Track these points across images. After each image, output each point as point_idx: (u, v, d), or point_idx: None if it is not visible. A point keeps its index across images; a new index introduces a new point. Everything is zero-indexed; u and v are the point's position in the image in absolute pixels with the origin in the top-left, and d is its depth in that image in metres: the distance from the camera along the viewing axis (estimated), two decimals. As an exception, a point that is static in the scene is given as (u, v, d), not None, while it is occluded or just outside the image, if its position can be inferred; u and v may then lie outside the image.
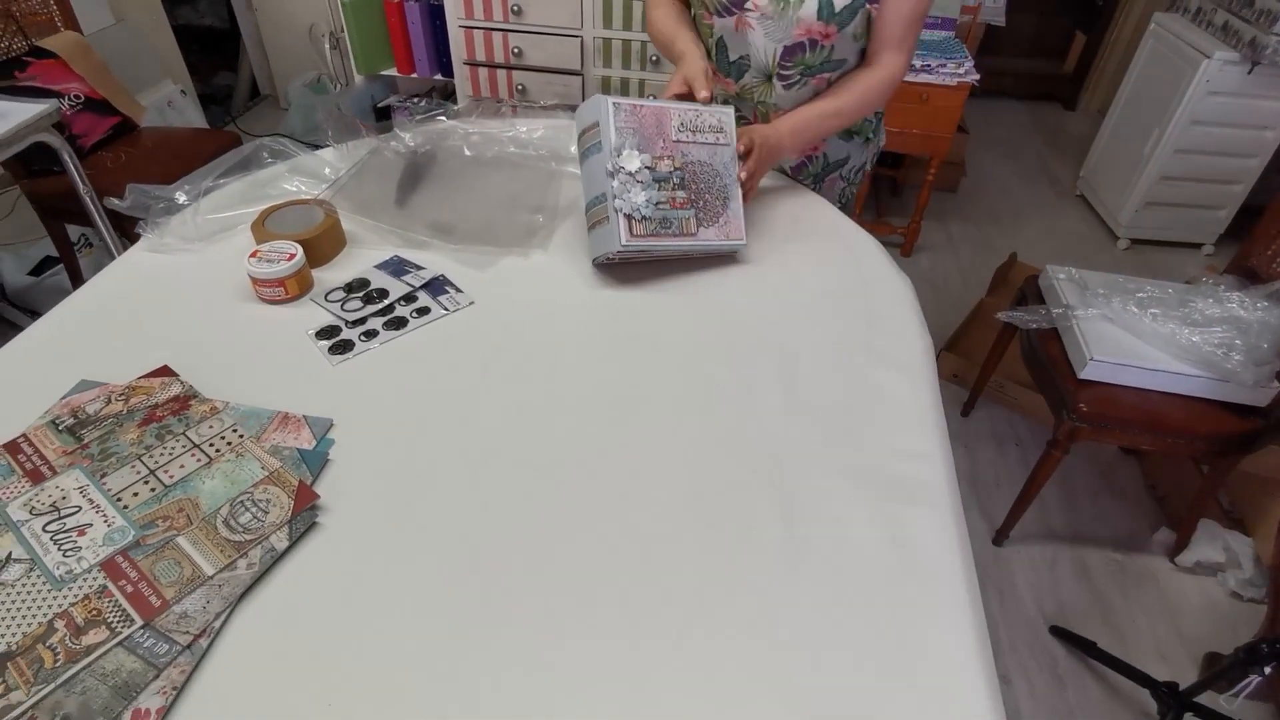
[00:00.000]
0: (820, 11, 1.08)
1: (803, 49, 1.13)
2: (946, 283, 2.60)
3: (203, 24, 3.60)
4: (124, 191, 1.08)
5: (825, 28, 1.10)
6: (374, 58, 2.63)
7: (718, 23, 1.16)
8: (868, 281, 1.04)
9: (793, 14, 1.09)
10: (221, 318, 0.93)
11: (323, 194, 1.12)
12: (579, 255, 1.06)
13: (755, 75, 1.20)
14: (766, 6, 1.11)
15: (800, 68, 1.16)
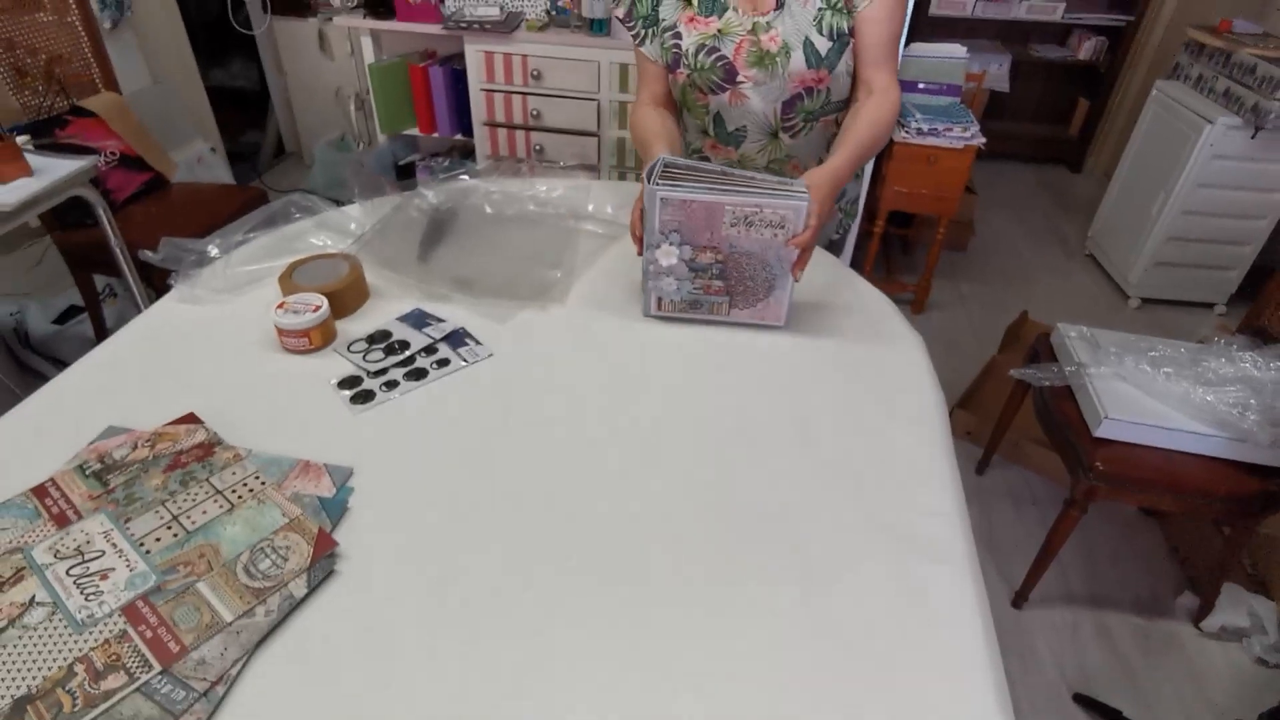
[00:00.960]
0: (808, 61, 1.13)
1: (800, 99, 1.18)
2: (958, 340, 2.61)
3: (234, 85, 3.76)
4: (154, 243, 1.12)
5: (817, 74, 1.14)
6: (397, 118, 2.74)
7: (712, 100, 1.20)
8: (880, 338, 1.05)
9: (783, 72, 1.14)
10: (247, 367, 0.95)
11: (348, 248, 1.16)
12: (596, 309, 1.09)
13: (758, 138, 1.24)
14: (756, 75, 1.15)
15: (802, 115, 1.20)
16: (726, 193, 0.94)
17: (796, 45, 1.13)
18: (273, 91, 3.60)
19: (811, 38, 1.12)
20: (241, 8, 3.20)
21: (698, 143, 1.32)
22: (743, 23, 1.14)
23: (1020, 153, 4.03)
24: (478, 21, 2.41)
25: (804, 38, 1.12)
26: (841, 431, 0.88)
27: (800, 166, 1.27)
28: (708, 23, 1.15)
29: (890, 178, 2.44)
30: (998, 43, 3.82)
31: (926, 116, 2.36)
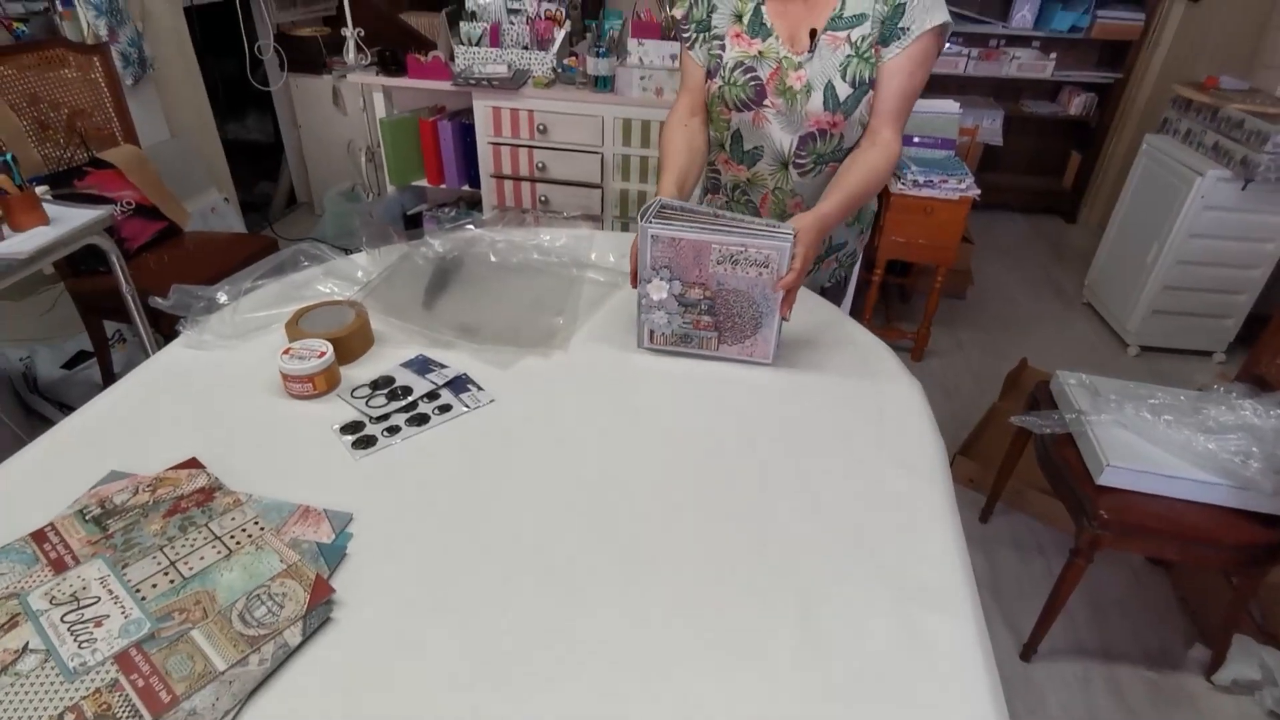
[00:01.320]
0: (826, 103, 1.17)
1: (814, 139, 1.22)
2: (958, 387, 2.61)
3: (250, 138, 3.86)
4: (165, 290, 1.14)
5: (832, 117, 1.18)
6: (406, 170, 2.80)
7: (735, 117, 1.25)
8: (879, 385, 1.05)
9: (801, 108, 1.19)
10: (252, 412, 0.96)
11: (354, 295, 1.18)
12: (598, 356, 1.10)
13: (770, 163, 1.28)
14: (781, 104, 1.19)
15: (814, 156, 1.24)
16: (715, 232, 0.99)
17: (819, 87, 1.17)
18: (287, 144, 3.69)
19: (834, 81, 1.16)
20: (260, 66, 3.31)
21: (711, 155, 1.35)
22: (780, 53, 1.18)
23: (1015, 203, 4.09)
24: (487, 78, 2.49)
25: (827, 80, 1.16)
26: (840, 475, 0.88)
27: (803, 205, 1.31)
28: (751, 43, 1.20)
29: (888, 228, 2.48)
30: (990, 99, 3.91)
31: (923, 169, 2.41)
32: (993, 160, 4.01)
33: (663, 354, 1.10)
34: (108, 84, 2.23)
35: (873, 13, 1.13)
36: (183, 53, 2.95)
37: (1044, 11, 3.65)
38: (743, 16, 1.20)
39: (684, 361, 1.08)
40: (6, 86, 2.01)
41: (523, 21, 2.58)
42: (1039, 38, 3.73)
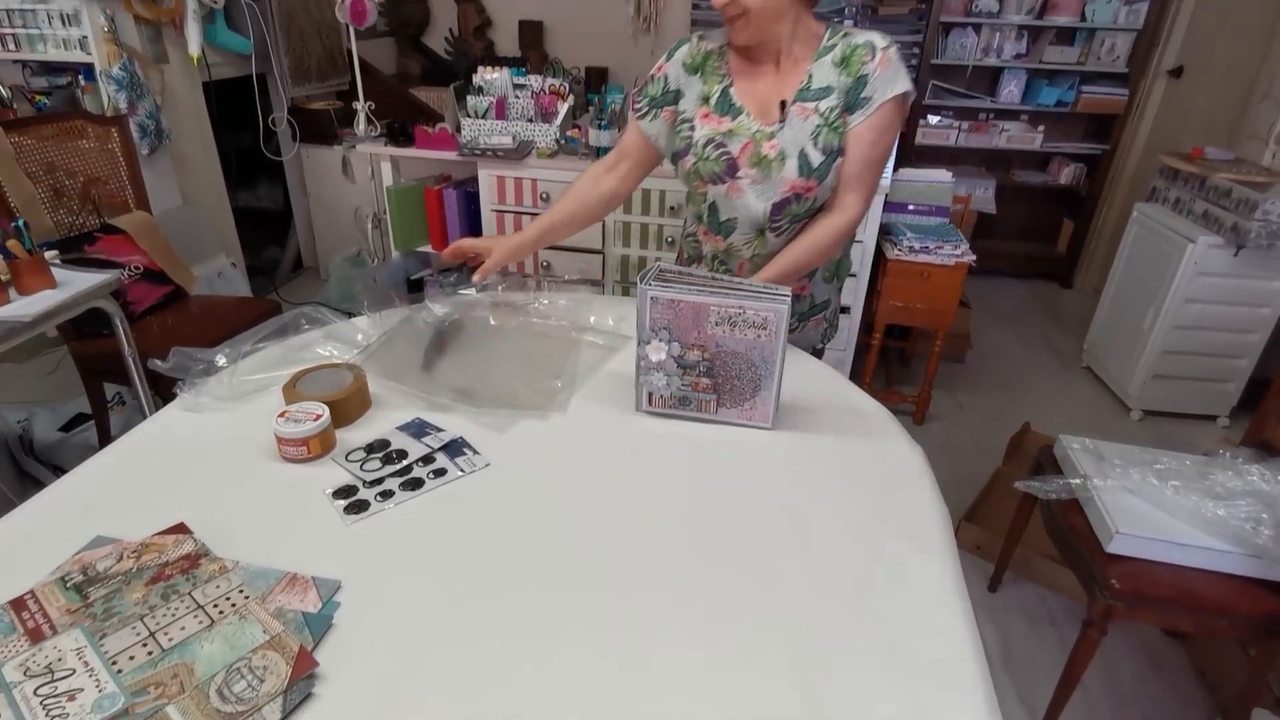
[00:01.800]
0: (801, 169, 1.21)
1: (789, 203, 1.24)
2: (961, 451, 2.58)
3: (260, 206, 3.95)
4: (166, 353, 1.14)
5: (807, 182, 1.22)
6: (411, 235, 2.85)
7: (711, 190, 1.29)
8: (880, 449, 1.04)
9: (776, 175, 1.22)
10: (244, 476, 0.94)
11: (354, 359, 1.18)
12: (596, 419, 1.09)
13: (745, 231, 1.30)
14: (755, 174, 1.23)
15: (789, 218, 1.27)
16: (713, 294, 0.99)
17: (793, 154, 1.21)
18: (295, 211, 3.78)
19: (807, 149, 1.20)
20: (273, 137, 3.41)
21: (692, 227, 1.40)
22: (751, 128, 1.23)
23: (1011, 269, 4.14)
24: (492, 149, 2.56)
25: (800, 148, 1.20)
26: (841, 542, 0.85)
27: None
28: (721, 121, 1.25)
29: (886, 292, 2.50)
30: (982, 168, 4.01)
31: (918, 235, 2.45)
32: (987, 227, 4.08)
33: (662, 417, 1.09)
34: (124, 154, 2.29)
35: (837, 84, 1.19)
36: (199, 125, 3.05)
37: (1030, 87, 3.79)
38: (710, 99, 1.26)
39: (683, 424, 1.07)
40: (25, 155, 2.07)
41: (528, 96, 2.67)
42: (1027, 111, 3.85)
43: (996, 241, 4.19)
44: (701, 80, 1.27)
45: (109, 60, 2.53)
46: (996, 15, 3.62)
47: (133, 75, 2.58)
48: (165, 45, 2.81)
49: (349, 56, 3.09)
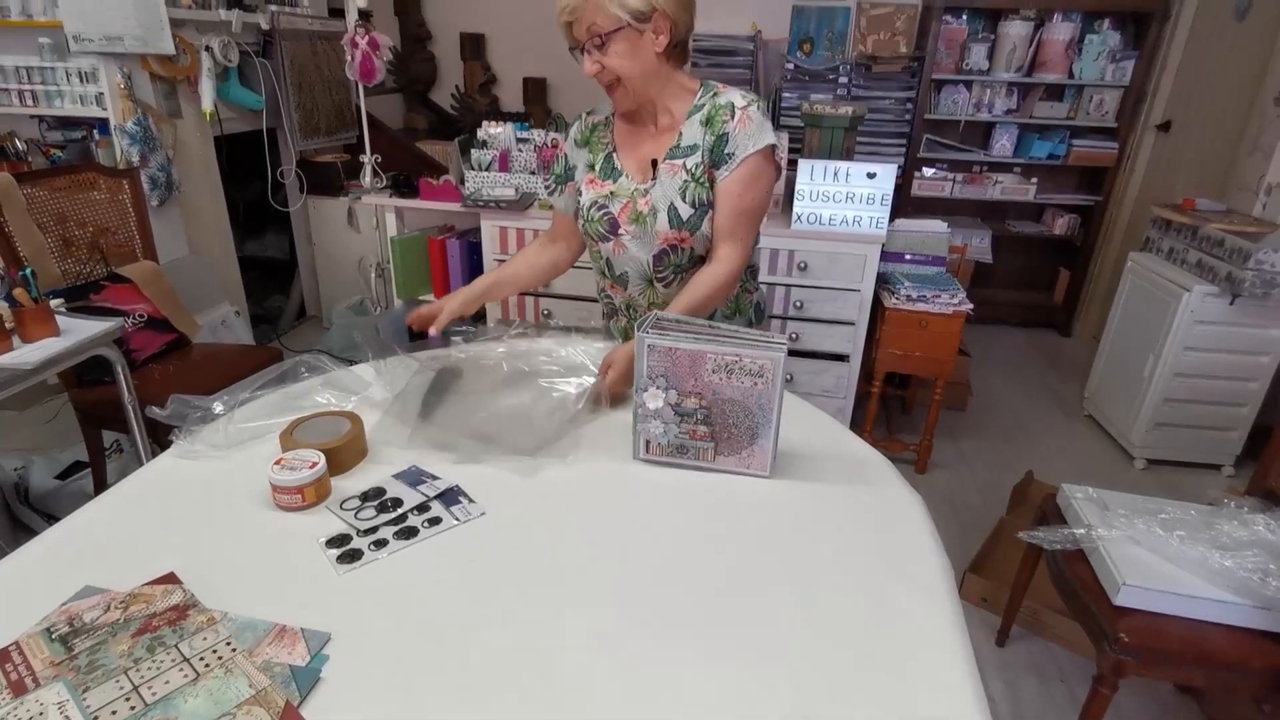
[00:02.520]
0: (671, 222, 1.30)
1: (668, 254, 1.33)
2: (964, 501, 2.55)
3: (266, 255, 4.00)
4: (166, 401, 1.14)
5: (679, 234, 1.30)
6: (414, 284, 2.88)
7: (602, 247, 1.39)
8: (879, 498, 1.03)
9: (651, 228, 1.31)
10: (237, 524, 0.93)
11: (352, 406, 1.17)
12: (593, 467, 1.08)
13: (638, 282, 1.40)
14: (634, 230, 1.33)
15: (671, 268, 1.35)
16: (710, 342, 1.00)
17: (663, 209, 1.29)
18: (300, 261, 3.83)
19: (676, 204, 1.29)
20: (281, 188, 3.48)
21: (601, 280, 1.49)
22: (630, 187, 1.33)
23: (1010, 318, 4.16)
24: (495, 200, 2.61)
25: (669, 203, 1.29)
26: (840, 592, 0.84)
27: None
28: (604, 185, 1.36)
29: (885, 340, 2.51)
30: (977, 219, 4.07)
31: (915, 284, 2.47)
32: (985, 276, 4.12)
33: (659, 465, 1.08)
34: (134, 205, 2.34)
35: (702, 143, 1.27)
36: (209, 177, 3.11)
37: (1022, 141, 3.87)
38: (595, 166, 1.38)
39: (681, 473, 1.07)
40: (37, 206, 2.11)
41: (530, 149, 2.73)
42: (1019, 164, 3.93)
43: (994, 290, 4.23)
44: (589, 151, 1.39)
45: (124, 115, 2.60)
46: (987, 73, 3.73)
47: (146, 129, 2.65)
48: (180, 101, 2.90)
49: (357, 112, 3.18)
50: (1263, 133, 2.84)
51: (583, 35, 1.19)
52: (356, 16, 2.81)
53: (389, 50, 2.94)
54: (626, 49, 1.20)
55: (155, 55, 2.68)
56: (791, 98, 3.75)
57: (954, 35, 3.70)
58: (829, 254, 2.47)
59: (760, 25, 3.94)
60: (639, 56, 1.21)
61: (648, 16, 1.18)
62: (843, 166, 2.43)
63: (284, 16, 3.17)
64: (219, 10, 2.91)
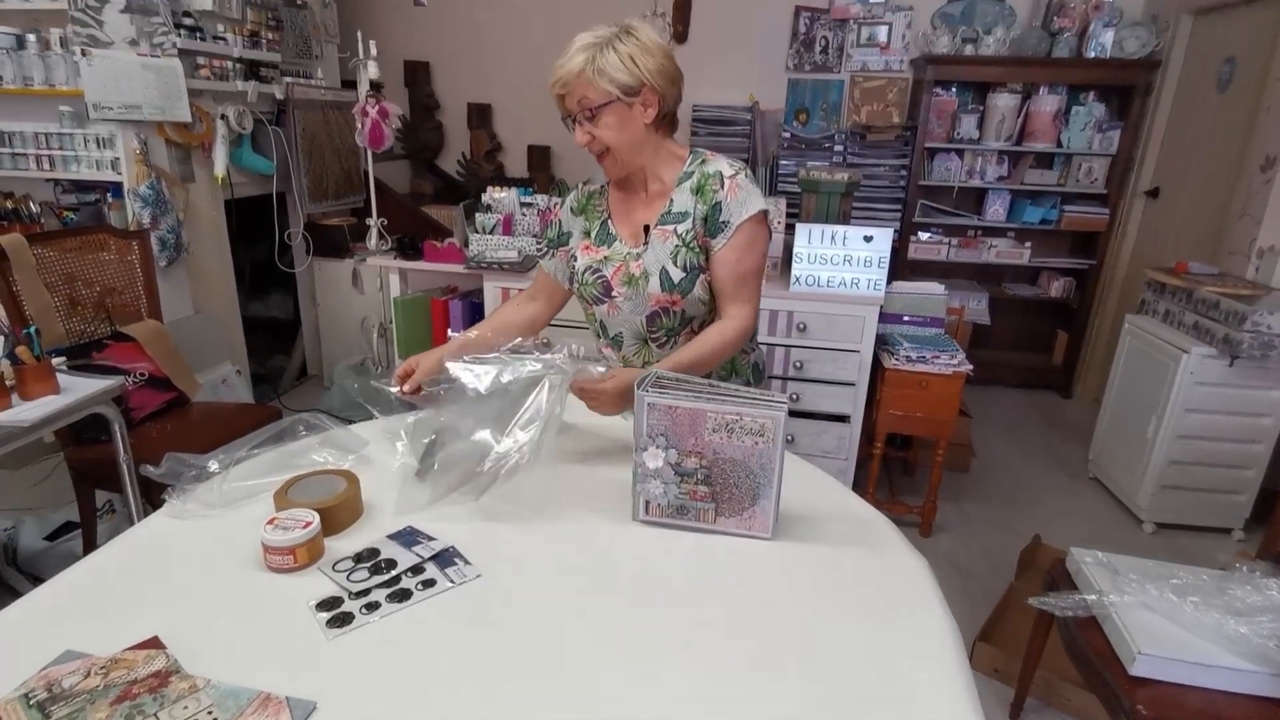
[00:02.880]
0: (663, 285, 1.32)
1: (661, 315, 1.36)
2: (971, 565, 2.50)
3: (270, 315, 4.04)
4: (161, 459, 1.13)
5: (670, 297, 1.33)
6: (416, 344, 2.89)
7: (596, 309, 1.41)
8: (884, 562, 1.01)
9: (643, 290, 1.34)
10: (226, 586, 0.91)
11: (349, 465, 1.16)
12: (591, 529, 1.06)
13: (632, 343, 1.41)
14: (626, 291, 1.35)
15: (664, 330, 1.38)
16: (710, 401, 1.00)
17: (655, 272, 1.33)
18: (304, 321, 3.86)
19: (668, 267, 1.32)
20: (288, 250, 3.54)
21: (597, 344, 1.50)
22: (623, 252, 1.36)
23: (1009, 379, 4.16)
24: (498, 262, 2.64)
25: (661, 267, 1.32)
26: (846, 660, 0.81)
27: None
28: (598, 250, 1.39)
29: (885, 401, 2.51)
30: (974, 282, 4.12)
31: (914, 345, 2.48)
32: (983, 338, 4.14)
33: (659, 526, 1.06)
34: (142, 265, 2.37)
35: (693, 211, 1.31)
36: (218, 239, 3.17)
37: (1014, 206, 3.95)
38: (591, 233, 1.42)
39: (681, 535, 1.05)
40: (47, 266, 2.13)
41: (534, 213, 2.79)
42: (1013, 229, 4.00)
43: (993, 352, 4.24)
44: (585, 219, 1.43)
45: (138, 180, 2.66)
46: (977, 142, 3.83)
47: (159, 193, 2.71)
48: (193, 165, 2.98)
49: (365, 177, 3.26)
50: (1251, 198, 2.90)
51: (574, 107, 1.24)
52: (368, 88, 2.91)
53: (398, 119, 3.04)
54: (616, 121, 1.24)
55: (172, 123, 2.76)
56: (789, 165, 3.85)
57: (944, 106, 3.83)
58: (828, 315, 2.49)
59: (757, 96, 4.09)
60: (628, 128, 1.25)
61: (636, 90, 1.23)
62: (840, 230, 2.47)
63: (298, 88, 3.29)
64: (236, 81, 3.01)
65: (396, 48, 4.52)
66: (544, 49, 4.87)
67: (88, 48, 2.49)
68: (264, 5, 3.20)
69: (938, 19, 3.87)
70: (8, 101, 2.64)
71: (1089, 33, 3.61)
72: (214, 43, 2.90)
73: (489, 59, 4.57)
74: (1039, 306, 4.20)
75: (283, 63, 3.31)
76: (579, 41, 1.22)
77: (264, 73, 3.18)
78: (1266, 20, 2.98)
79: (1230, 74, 3.18)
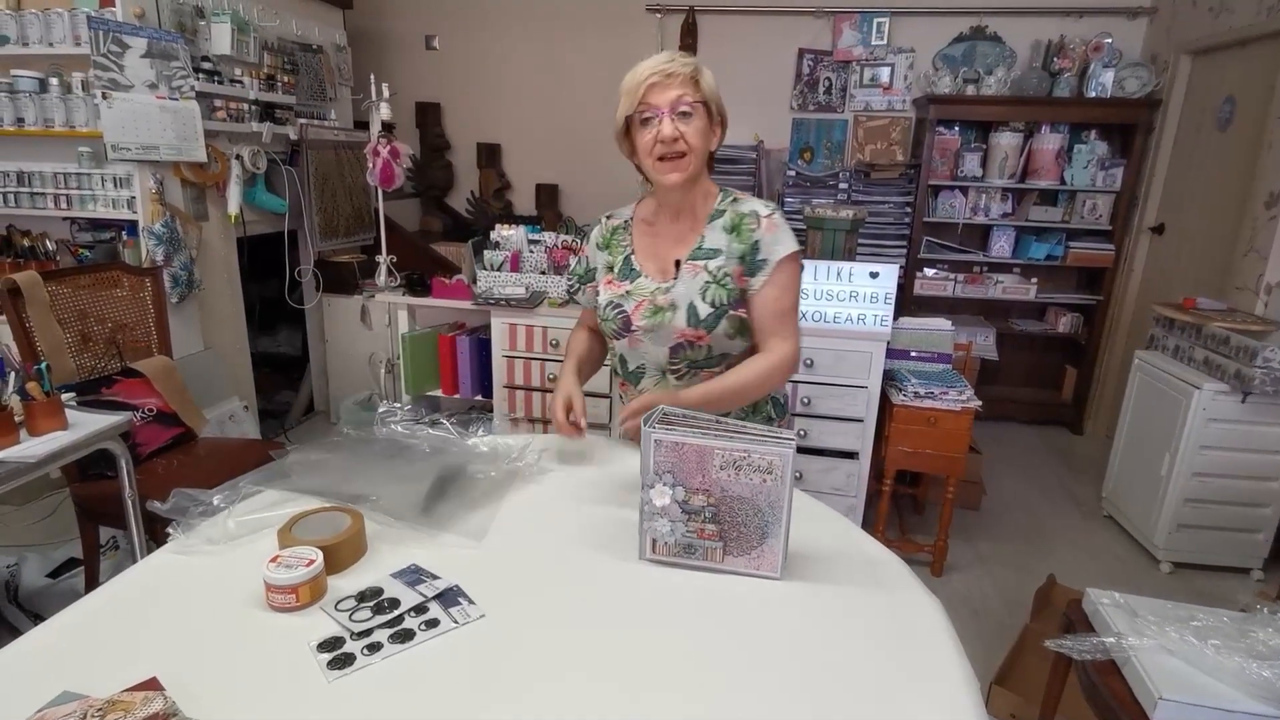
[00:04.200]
0: (689, 319, 1.32)
1: (684, 348, 1.34)
2: (985, 606, 2.45)
3: (278, 350, 4.06)
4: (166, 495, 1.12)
5: (695, 331, 1.32)
6: (422, 380, 2.90)
7: (616, 344, 1.42)
8: (896, 602, 0.99)
9: (669, 323, 1.33)
10: (227, 625, 0.90)
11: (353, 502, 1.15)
12: (597, 569, 1.05)
13: (652, 374, 1.40)
14: (648, 324, 1.35)
15: (686, 363, 1.36)
16: (717, 438, 0.99)
17: (683, 306, 1.32)
18: (312, 356, 3.87)
19: (695, 303, 1.32)
20: (297, 287, 3.57)
21: (616, 380, 1.50)
22: (649, 287, 1.36)
23: (1019, 415, 4.13)
24: (505, 299, 2.66)
25: (689, 301, 1.32)
26: (858, 705, 0.79)
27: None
28: (620, 285, 1.39)
29: (894, 438, 2.49)
30: (981, 317, 4.12)
31: (922, 381, 2.47)
32: (991, 374, 4.12)
33: (666, 566, 1.05)
34: (154, 302, 2.39)
35: (727, 250, 1.32)
36: (229, 276, 3.21)
37: (1020, 243, 3.97)
38: (614, 268, 1.42)
39: (688, 574, 1.03)
40: (60, 303, 2.16)
41: (541, 250, 2.82)
42: (1019, 265, 4.01)
43: (1001, 388, 4.22)
44: (609, 254, 1.44)
45: (153, 218, 2.70)
46: (981, 179, 3.87)
47: (173, 231, 2.75)
48: (207, 204, 3.02)
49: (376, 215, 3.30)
50: (1257, 234, 2.91)
51: (665, 102, 1.23)
52: (380, 128, 2.97)
53: (409, 158, 3.09)
54: (702, 128, 1.26)
55: (188, 163, 2.82)
56: (794, 202, 3.88)
57: (947, 145, 3.88)
58: (835, 351, 2.49)
59: (762, 135, 4.15)
60: (705, 141, 1.28)
61: (717, 113, 1.29)
62: (845, 267, 2.49)
63: (311, 129, 3.36)
64: (251, 123, 3.08)
65: (409, 89, 4.63)
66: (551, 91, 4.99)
67: (108, 90, 2.56)
68: (280, 50, 3.29)
69: (939, 60, 3.94)
70: (29, 143, 2.70)
71: (1089, 73, 3.67)
72: (231, 86, 2.97)
73: (498, 100, 4.66)
74: (1047, 342, 4.19)
75: (297, 104, 3.39)
76: (668, 54, 1.26)
77: (279, 114, 3.26)
78: (1263, 61, 3.02)
79: (1230, 113, 3.22)
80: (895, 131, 3.99)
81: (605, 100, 4.64)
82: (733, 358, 1.37)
